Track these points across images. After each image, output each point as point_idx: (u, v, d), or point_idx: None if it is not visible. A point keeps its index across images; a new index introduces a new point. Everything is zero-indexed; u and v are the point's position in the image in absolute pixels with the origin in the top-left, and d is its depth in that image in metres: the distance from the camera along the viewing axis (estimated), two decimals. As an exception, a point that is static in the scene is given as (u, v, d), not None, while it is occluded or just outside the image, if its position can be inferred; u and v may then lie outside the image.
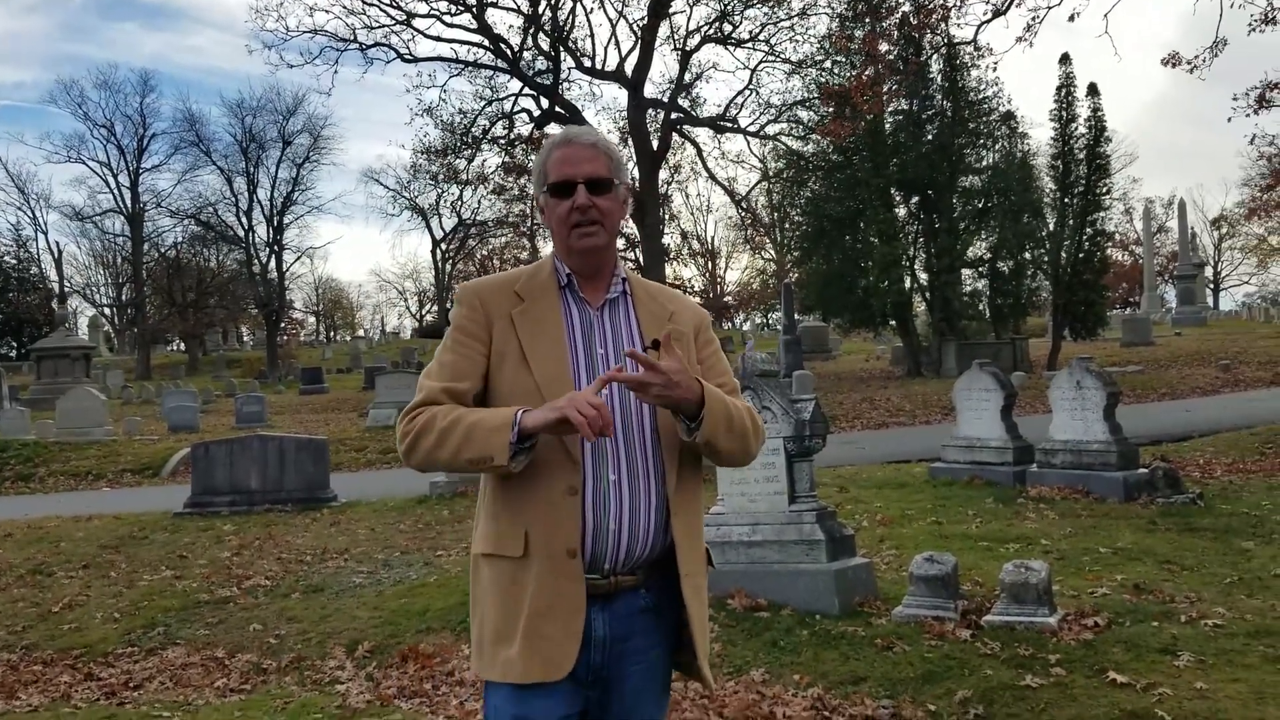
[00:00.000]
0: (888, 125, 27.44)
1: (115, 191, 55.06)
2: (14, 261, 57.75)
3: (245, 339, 71.96)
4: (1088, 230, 26.69)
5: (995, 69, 62.33)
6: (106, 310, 66.64)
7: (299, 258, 59.36)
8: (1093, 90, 26.62)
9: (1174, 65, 15.44)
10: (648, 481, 2.25)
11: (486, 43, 30.05)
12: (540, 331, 2.29)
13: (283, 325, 58.31)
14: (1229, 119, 15.97)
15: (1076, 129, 26.63)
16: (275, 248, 53.92)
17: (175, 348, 67.38)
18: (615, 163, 2.36)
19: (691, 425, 2.20)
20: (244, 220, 53.04)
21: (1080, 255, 26.57)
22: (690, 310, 2.47)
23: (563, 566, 2.17)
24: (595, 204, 2.29)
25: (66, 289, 59.94)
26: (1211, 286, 70.56)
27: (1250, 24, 14.18)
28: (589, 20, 42.43)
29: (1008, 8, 14.56)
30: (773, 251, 53.55)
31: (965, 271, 29.22)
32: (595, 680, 2.25)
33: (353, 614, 7.30)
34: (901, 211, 28.94)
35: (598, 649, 2.23)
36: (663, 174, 34.96)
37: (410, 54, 30.34)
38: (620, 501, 2.21)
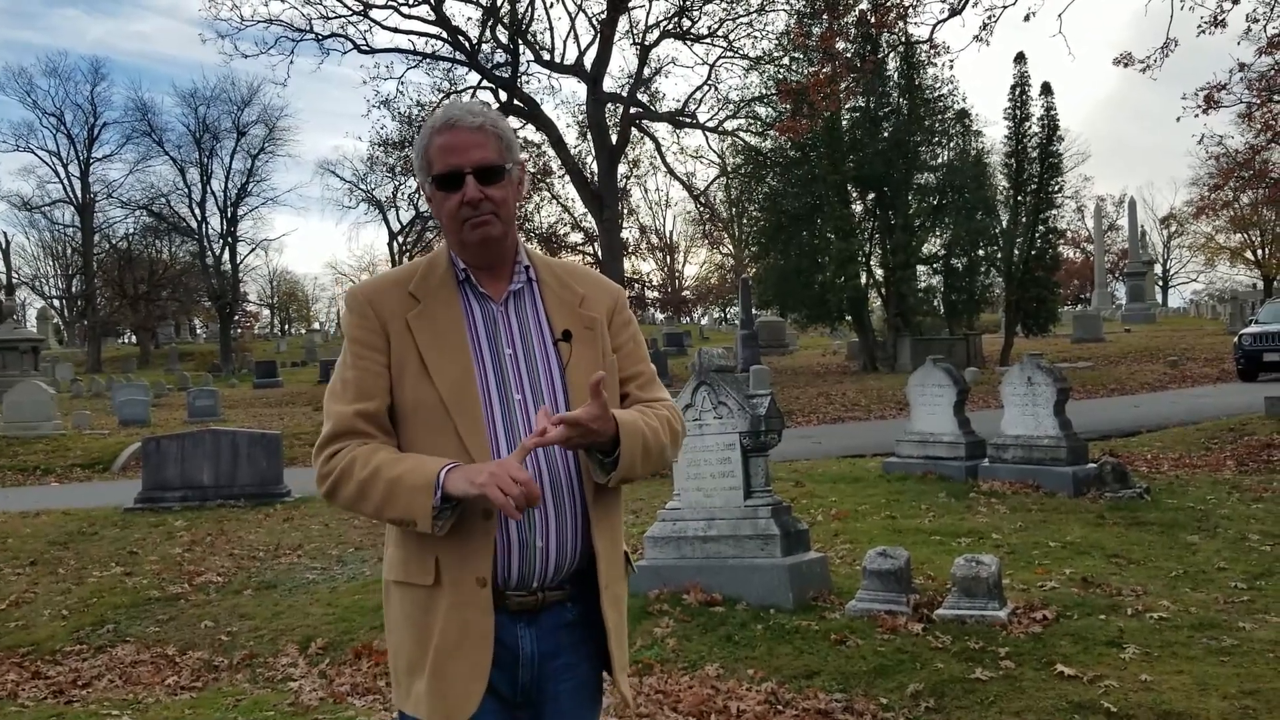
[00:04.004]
0: (845, 122, 27.59)
1: (65, 181, 54.35)
2: (-41, 252, 56.73)
3: (198, 332, 71.12)
4: (1040, 228, 27.06)
5: (951, 67, 62.80)
6: (56, 302, 65.69)
7: (253, 250, 58.73)
8: (1046, 89, 26.98)
9: (1126, 65, 15.63)
10: (571, 493, 2.12)
11: (444, 35, 29.91)
12: (439, 337, 2.10)
13: (236, 318, 57.72)
14: (1178, 119, 16.23)
15: (1030, 127, 26.97)
16: (229, 240, 53.33)
17: (126, 340, 66.42)
18: (506, 143, 2.13)
19: (604, 460, 2.07)
20: (197, 211, 52.45)
21: (1032, 252, 26.93)
22: (602, 289, 2.28)
23: (472, 597, 2.03)
24: (487, 195, 2.08)
25: (14, 280, 58.95)
26: (1161, 284, 71.64)
27: (1200, 26, 14.39)
28: (548, 14, 42.31)
29: (963, 7, 14.65)
30: (730, 246, 53.80)
31: (920, 268, 29.48)
32: (526, 700, 2.15)
33: (306, 611, 7.24)
34: (858, 208, 29.15)
35: (526, 667, 2.12)
36: (621, 168, 34.95)
37: (367, 45, 30.13)
38: (547, 518, 2.08)
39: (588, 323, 2.19)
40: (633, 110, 31.38)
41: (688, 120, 31.71)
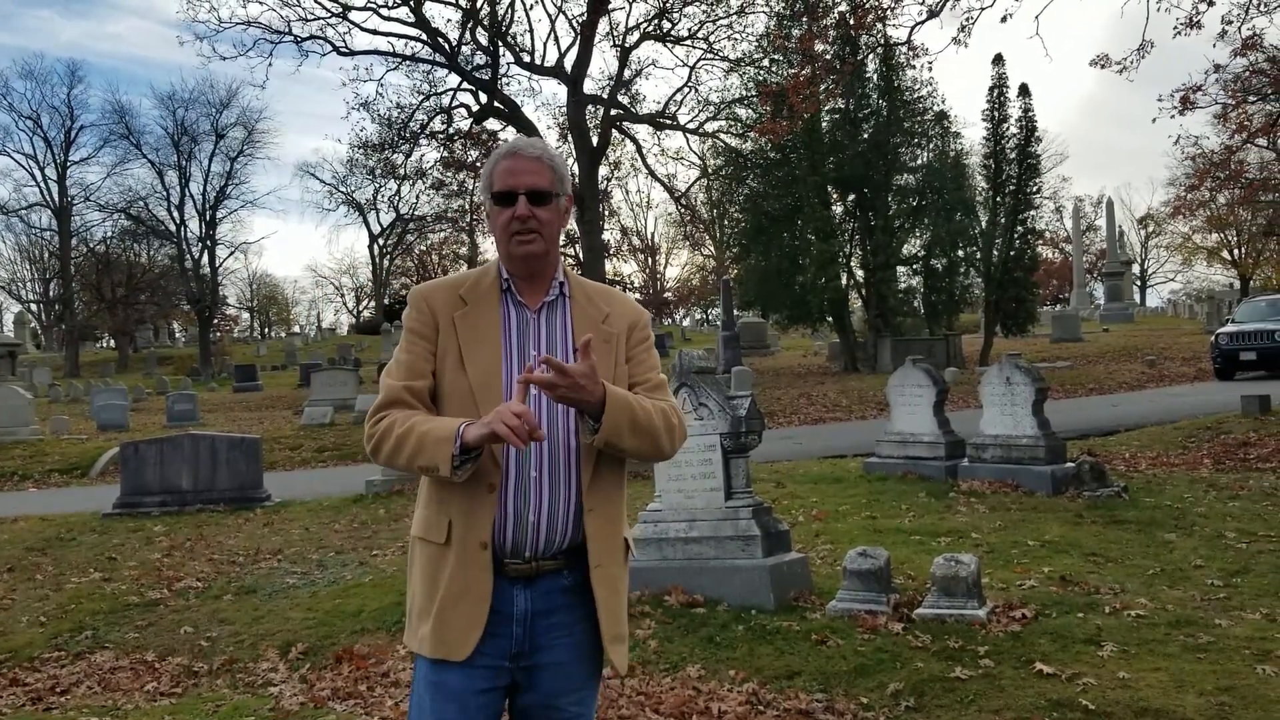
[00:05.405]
0: (825, 124, 27.64)
1: (42, 185, 53.77)
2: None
3: (177, 335, 70.74)
4: (1019, 228, 27.17)
5: (930, 69, 63.10)
6: (33, 306, 65.04)
7: (232, 253, 58.50)
8: (1024, 91, 27.11)
9: (1103, 66, 15.72)
10: (567, 480, 2.40)
11: (424, 36, 29.82)
12: (477, 335, 2.43)
13: (216, 322, 57.34)
14: (1155, 120, 16.39)
15: (1008, 129, 27.10)
16: (208, 243, 52.99)
17: (105, 345, 65.97)
18: (558, 175, 2.48)
19: (594, 425, 2.32)
20: (176, 215, 52.10)
21: (1011, 253, 27.05)
22: (626, 310, 2.58)
23: (474, 557, 2.36)
24: (534, 214, 2.42)
25: (-10, 285, 58.39)
26: (1138, 284, 72.20)
27: (1175, 28, 14.51)
28: (528, 15, 42.21)
29: (941, 9, 14.69)
30: (712, 248, 53.82)
31: (900, 269, 29.57)
32: (519, 653, 2.41)
33: (286, 615, 7.22)
34: (838, 209, 29.20)
35: (519, 623, 2.40)
36: (602, 170, 34.95)
37: (346, 47, 30.02)
38: (540, 496, 2.38)
39: (605, 337, 2.48)
40: (613, 112, 31.38)
41: (668, 122, 31.74)
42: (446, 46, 29.76)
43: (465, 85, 30.72)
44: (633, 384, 2.50)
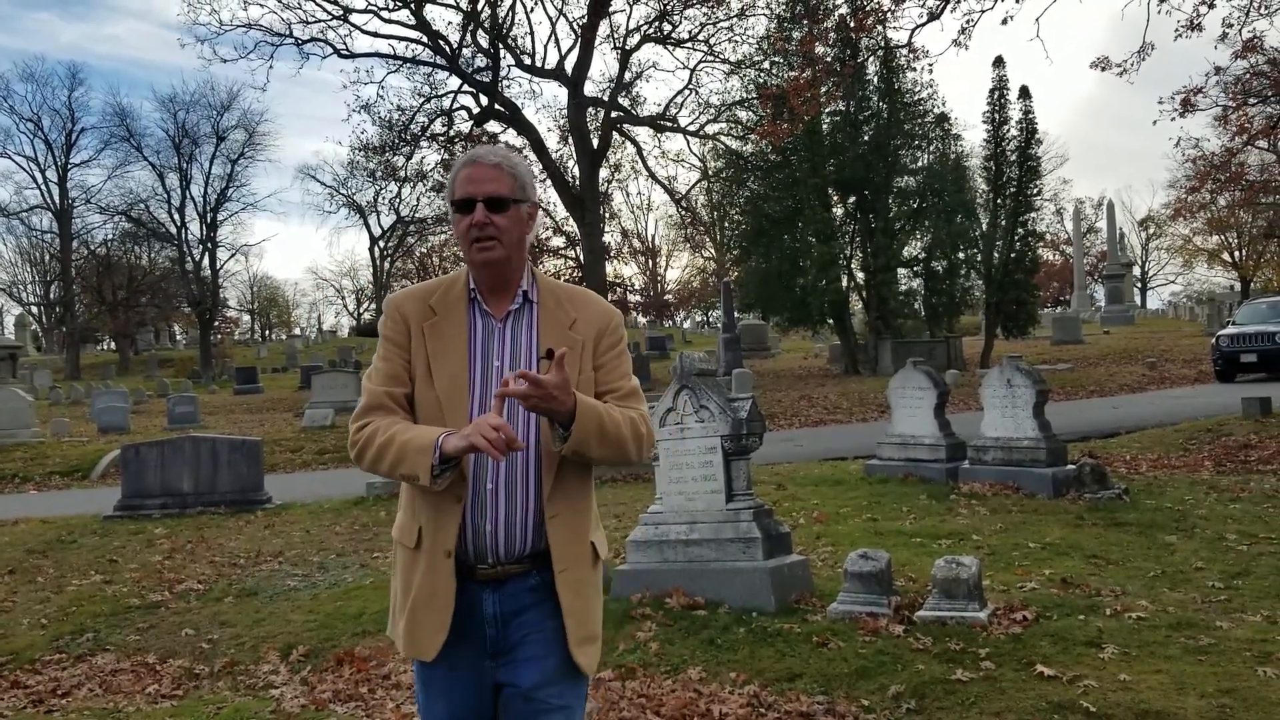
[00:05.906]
0: (825, 126, 27.67)
1: (43, 187, 53.76)
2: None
3: (178, 338, 70.71)
4: (1019, 230, 27.20)
5: (930, 71, 63.15)
6: (34, 309, 65.04)
7: (233, 255, 58.51)
8: (1024, 93, 27.17)
9: (1103, 69, 15.78)
10: (525, 489, 2.45)
11: (425, 39, 29.84)
12: (444, 346, 2.48)
13: (216, 324, 57.36)
14: (1155, 122, 16.41)
15: (1008, 131, 27.15)
16: (209, 245, 53.03)
17: (105, 347, 65.98)
18: (519, 182, 2.50)
19: (564, 434, 2.35)
20: (176, 217, 52.10)
21: (1012, 255, 27.07)
22: (595, 314, 2.58)
23: (440, 564, 2.43)
24: (493, 221, 2.44)
25: (-9, 287, 58.38)
26: (1139, 286, 72.22)
27: (1176, 30, 14.57)
28: (529, 18, 42.02)
29: (942, 11, 14.73)
30: (712, 250, 53.78)
31: (901, 271, 29.60)
32: (496, 652, 2.48)
33: (287, 617, 7.22)
34: (839, 211, 29.22)
35: (491, 624, 2.47)
36: (603, 172, 34.91)
37: (347, 49, 30.04)
38: (496, 508, 2.43)
39: (571, 343, 2.47)
40: (614, 114, 31.38)
41: (669, 124, 31.74)
42: (447, 49, 29.76)
43: (466, 88, 30.73)
44: (604, 391, 2.51)
